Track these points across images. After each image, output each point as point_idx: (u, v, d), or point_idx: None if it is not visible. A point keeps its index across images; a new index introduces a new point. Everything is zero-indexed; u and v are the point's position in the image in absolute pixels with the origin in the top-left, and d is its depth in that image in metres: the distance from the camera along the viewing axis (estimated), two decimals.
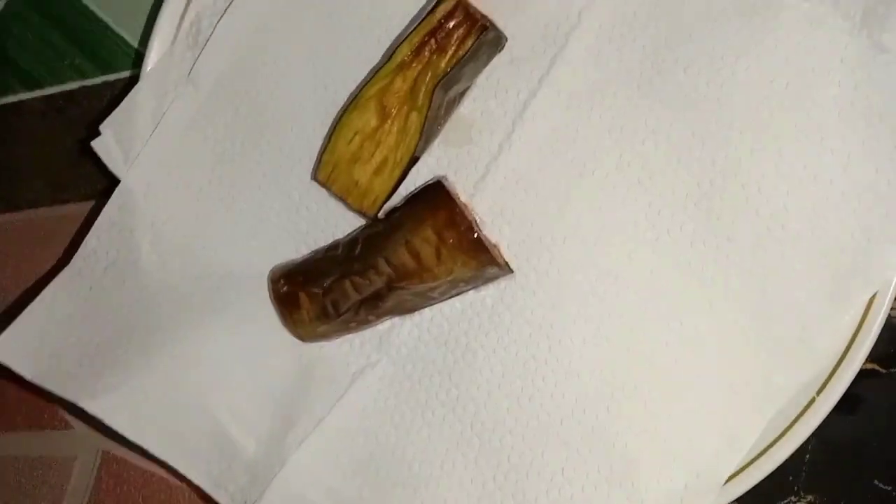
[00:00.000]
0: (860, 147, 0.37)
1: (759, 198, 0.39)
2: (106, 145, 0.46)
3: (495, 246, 0.44)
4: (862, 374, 0.41)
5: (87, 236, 0.47)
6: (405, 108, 0.43)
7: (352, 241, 0.44)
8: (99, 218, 0.46)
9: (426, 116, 0.42)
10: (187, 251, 0.47)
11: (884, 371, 0.42)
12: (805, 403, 0.39)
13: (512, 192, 0.44)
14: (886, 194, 0.37)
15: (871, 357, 0.41)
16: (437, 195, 0.43)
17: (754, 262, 0.39)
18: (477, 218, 0.45)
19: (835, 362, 0.38)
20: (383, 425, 0.45)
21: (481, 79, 0.44)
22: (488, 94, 0.44)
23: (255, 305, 0.46)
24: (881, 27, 0.36)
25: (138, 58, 0.48)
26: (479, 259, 0.42)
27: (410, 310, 0.45)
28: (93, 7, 0.53)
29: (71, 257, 0.47)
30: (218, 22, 0.46)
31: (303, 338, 0.46)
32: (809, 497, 0.43)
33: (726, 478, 0.39)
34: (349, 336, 0.46)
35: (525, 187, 0.44)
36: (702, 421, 0.40)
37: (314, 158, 0.46)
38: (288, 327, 0.46)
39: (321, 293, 0.44)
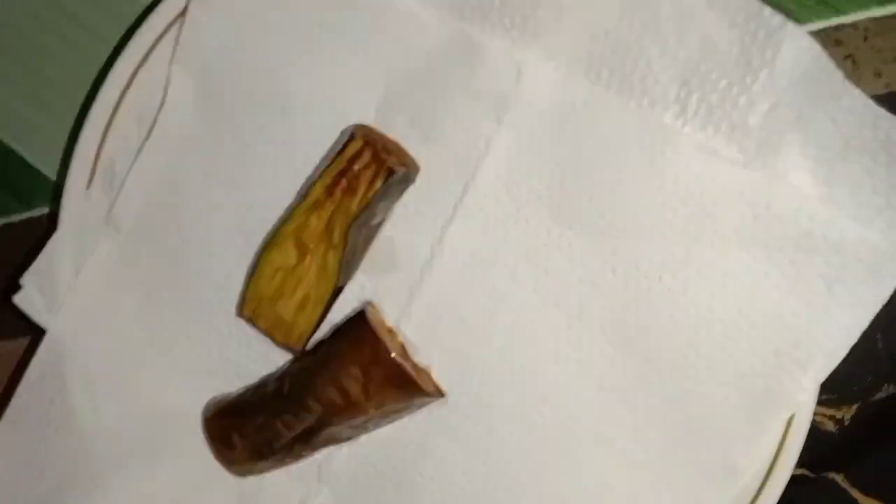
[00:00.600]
0: (762, 278, 0.37)
1: (671, 324, 0.39)
2: (28, 297, 0.46)
3: (425, 371, 0.45)
4: (793, 481, 0.42)
5: (18, 389, 0.46)
6: (322, 246, 0.43)
7: (280, 379, 0.44)
8: (28, 369, 0.46)
9: (343, 253, 0.43)
10: (120, 394, 0.47)
11: (813, 476, 0.42)
12: None
13: (438, 316, 0.44)
14: (791, 322, 0.37)
15: (801, 462, 0.42)
16: (359, 330, 0.43)
17: (674, 386, 0.40)
18: (405, 342, 0.45)
19: (760, 481, 0.39)
20: None
21: (398, 206, 0.44)
22: (406, 222, 0.44)
23: (192, 444, 0.46)
24: (775, 158, 0.37)
25: (59, 193, 0.48)
26: (407, 391, 0.42)
27: (345, 439, 0.45)
28: (10, 143, 0.52)
29: (3, 401, 0.47)
30: (132, 164, 0.46)
31: (239, 475, 0.46)
32: None
33: None
34: (288, 467, 0.46)
35: (450, 311, 0.44)
36: None
37: (238, 293, 0.46)
38: (224, 465, 0.46)
39: (253, 432, 0.44)
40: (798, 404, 0.38)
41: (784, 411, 0.38)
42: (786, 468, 0.39)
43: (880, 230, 0.36)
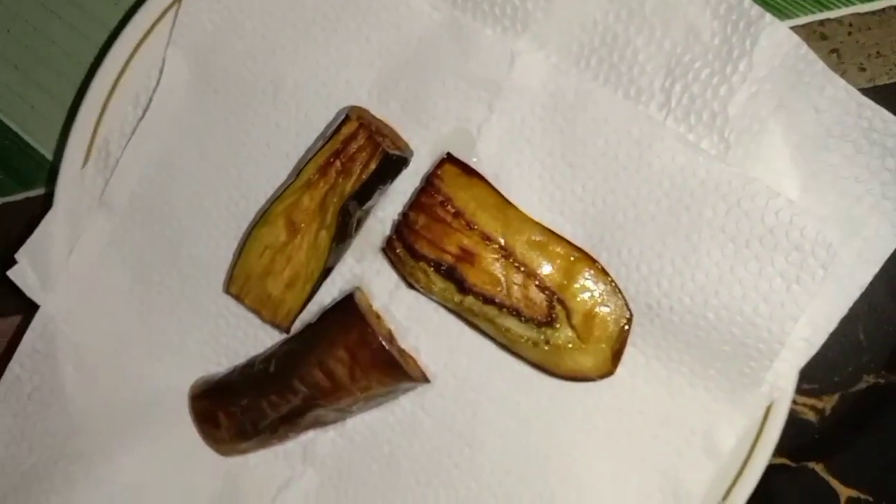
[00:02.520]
0: (728, 273, 0.38)
1: (647, 311, 0.40)
2: (22, 273, 0.46)
3: (411, 356, 0.45)
4: (773, 469, 0.42)
5: (10, 364, 0.47)
6: (314, 224, 0.43)
7: (266, 360, 0.45)
8: (21, 345, 0.47)
9: (335, 233, 0.43)
10: (111, 372, 0.47)
11: (794, 465, 0.43)
12: None
13: (426, 300, 0.45)
14: (752, 318, 0.38)
15: (781, 451, 0.43)
16: (347, 314, 0.43)
17: (656, 369, 0.41)
18: (392, 328, 0.46)
19: (739, 466, 0.39)
20: None
21: (391, 189, 0.45)
22: (398, 205, 0.45)
23: (178, 422, 0.46)
24: (757, 146, 0.37)
25: (56, 174, 0.48)
26: (393, 376, 0.43)
27: (330, 422, 0.46)
28: (9, 123, 0.53)
29: None
30: (126, 144, 0.46)
31: (224, 454, 0.46)
32: None
33: None
34: (274, 448, 0.47)
35: None
36: None
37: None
38: (209, 444, 0.46)
39: (239, 412, 0.45)
40: (778, 390, 0.38)
41: (763, 396, 0.38)
42: (765, 452, 0.39)
43: (862, 218, 0.37)
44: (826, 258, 0.35)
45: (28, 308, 0.51)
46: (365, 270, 0.46)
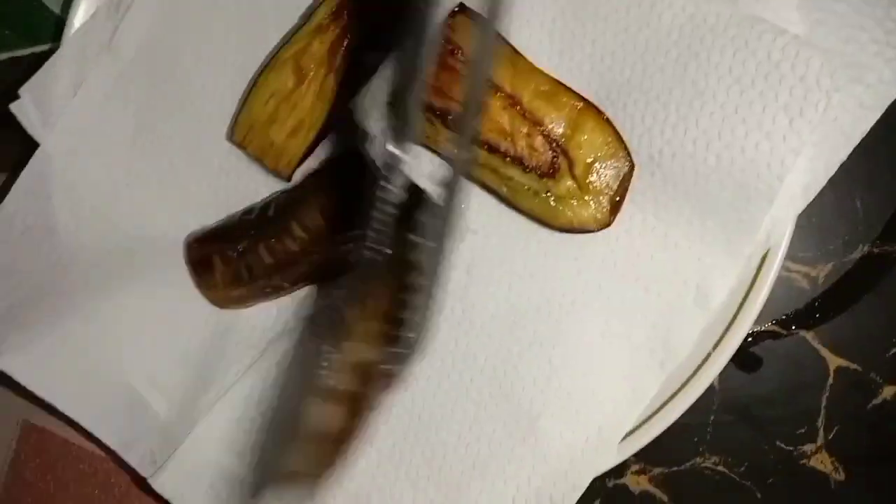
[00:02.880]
0: (732, 113, 0.38)
1: (650, 163, 0.40)
2: (25, 109, 0.46)
3: None
4: (764, 335, 0.42)
5: (5, 200, 0.46)
6: (322, 70, 0.43)
7: (266, 205, 0.45)
8: (17, 182, 0.46)
9: (343, 78, 0.43)
10: (105, 217, 0.47)
11: (785, 332, 0.43)
12: (702, 359, 0.39)
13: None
14: (753, 156, 0.38)
15: (772, 319, 0.43)
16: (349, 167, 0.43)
17: (656, 222, 0.41)
18: None
19: (730, 318, 0.39)
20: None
21: None
22: None
23: (172, 271, 0.46)
24: (756, 2, 0.38)
25: (62, 28, 0.48)
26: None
27: (326, 277, 0.46)
28: None
29: None
30: None
31: (218, 303, 0.46)
32: (714, 458, 0.44)
33: (626, 431, 0.40)
34: (267, 303, 0.47)
35: None
36: (602, 377, 0.41)
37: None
38: (202, 292, 0.46)
39: (235, 256, 0.45)
40: (773, 238, 0.38)
41: (759, 245, 0.38)
42: (756, 303, 0.39)
43: (865, 64, 0.37)
44: (830, 87, 0.35)
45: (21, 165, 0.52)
46: (371, 125, 0.45)
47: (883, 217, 0.42)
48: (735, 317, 0.39)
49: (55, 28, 0.53)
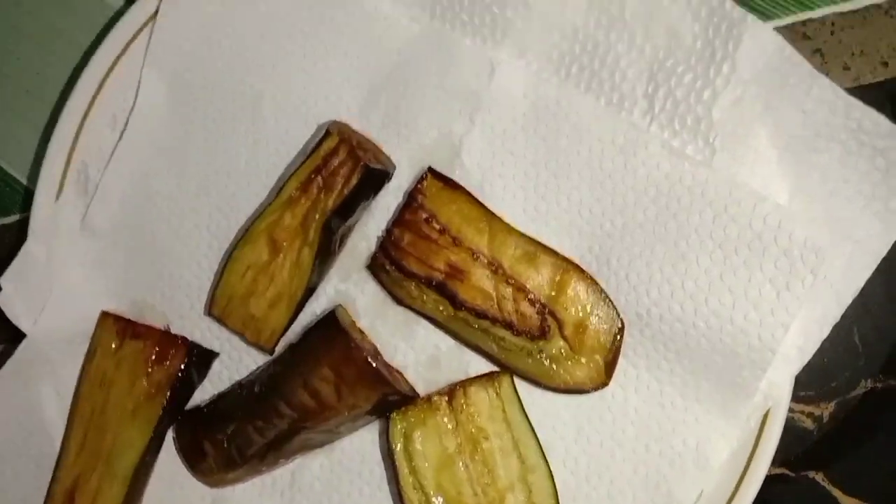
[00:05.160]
0: (717, 280, 0.37)
1: (637, 320, 0.39)
2: (9, 300, 0.45)
3: (398, 371, 0.44)
4: (773, 480, 0.41)
5: None
6: (297, 242, 0.43)
7: (251, 384, 0.44)
8: (2, 371, 0.45)
9: (318, 250, 0.42)
10: None
11: (793, 475, 0.42)
12: None
13: (412, 317, 0.43)
14: (743, 325, 0.37)
15: (780, 461, 0.42)
16: (330, 331, 0.42)
17: (647, 380, 0.40)
18: (378, 345, 0.44)
19: (738, 478, 0.38)
20: None
21: (374, 205, 0.44)
22: (380, 221, 0.44)
23: (164, 452, 0.45)
24: (744, 150, 0.37)
25: (31, 198, 0.47)
26: (380, 391, 0.42)
27: (318, 446, 0.44)
28: None
29: None
30: (105, 168, 0.45)
31: (213, 486, 0.45)
32: None
33: None
34: (262, 476, 0.46)
35: None
36: None
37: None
38: (197, 477, 0.45)
39: (225, 440, 0.43)
40: (772, 399, 0.37)
41: (757, 407, 0.37)
42: (763, 463, 0.38)
43: (852, 220, 0.36)
44: (815, 263, 0.35)
45: (8, 339, 0.51)
46: (350, 288, 0.44)
47: (883, 351, 0.41)
48: (742, 478, 0.38)
49: (23, 198, 0.52)
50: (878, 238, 0.36)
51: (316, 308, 0.45)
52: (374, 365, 0.41)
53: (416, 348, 0.44)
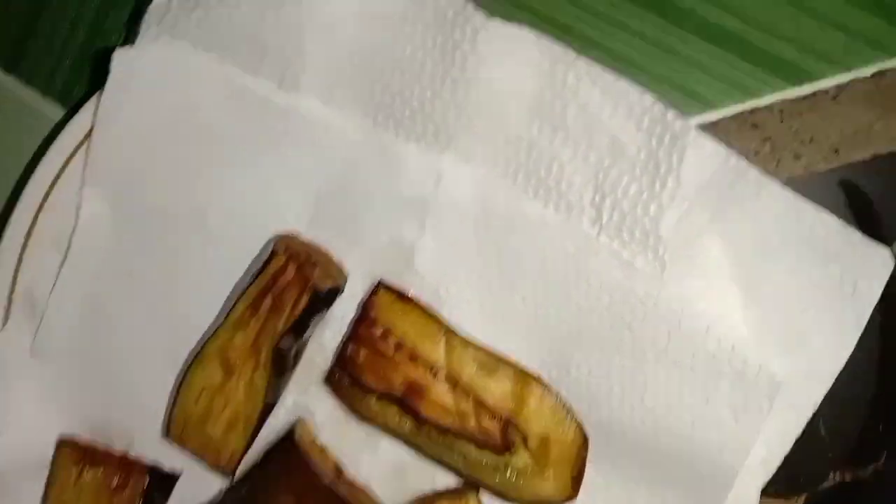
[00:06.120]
0: (676, 399, 0.37)
1: (597, 433, 0.39)
2: None
3: (363, 490, 0.43)
4: None
5: None
6: (249, 363, 0.42)
7: None
8: None
9: (271, 371, 0.41)
10: None
11: None
12: None
13: (375, 428, 0.43)
14: (702, 447, 0.37)
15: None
16: (288, 455, 0.41)
17: (618, 488, 0.39)
18: (342, 460, 0.44)
19: None
20: None
21: (329, 315, 0.43)
22: (335, 331, 0.43)
23: None
24: (692, 264, 0.36)
25: None
26: None
27: None
28: None
29: None
30: (52, 290, 0.44)
31: None
32: None
33: None
34: None
35: None
36: None
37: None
38: None
39: None
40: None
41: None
42: None
43: (808, 332, 0.35)
44: (769, 391, 0.34)
45: None
46: (309, 401, 0.44)
47: (849, 443, 0.40)
48: None
49: None
50: (834, 352, 0.35)
51: (276, 423, 0.43)
52: (335, 491, 0.40)
53: (380, 461, 0.43)
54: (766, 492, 0.41)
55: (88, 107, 0.44)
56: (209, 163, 0.43)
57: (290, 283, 0.41)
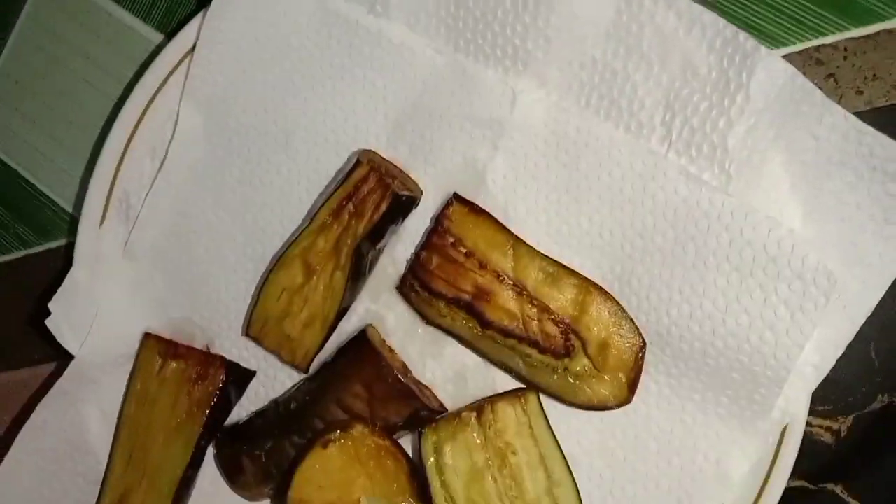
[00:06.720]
0: (734, 302, 0.38)
1: (658, 339, 0.41)
2: (56, 323, 0.48)
3: (427, 387, 0.46)
4: (793, 492, 0.42)
5: (37, 408, 0.48)
6: (329, 266, 0.45)
7: (286, 402, 0.46)
8: (50, 392, 0.48)
9: (350, 273, 0.44)
10: None
11: (813, 487, 0.43)
12: None
13: (440, 336, 0.45)
14: (759, 345, 0.38)
15: (799, 474, 0.43)
16: (361, 350, 0.44)
17: (671, 394, 0.41)
18: (408, 363, 0.46)
19: (757, 492, 0.39)
20: None
21: (402, 229, 0.46)
22: (407, 245, 0.46)
23: (205, 468, 0.47)
24: (758, 176, 0.38)
25: (76, 224, 0.50)
26: (410, 406, 0.44)
27: None
28: (29, 177, 0.55)
29: (23, 423, 0.48)
30: (146, 196, 0.48)
31: (251, 499, 0.47)
32: None
33: None
34: None
35: None
36: None
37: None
38: (236, 491, 0.47)
39: (262, 455, 0.45)
40: (790, 415, 0.39)
41: (775, 422, 0.39)
42: (781, 477, 0.39)
43: (865, 244, 0.37)
44: (828, 287, 0.36)
45: (49, 360, 0.53)
46: (380, 308, 0.46)
47: None
48: (761, 492, 0.39)
49: (68, 224, 0.55)
50: (890, 262, 0.37)
51: (348, 328, 0.47)
52: (404, 381, 0.43)
53: (444, 365, 0.45)
54: (817, 411, 0.43)
55: (185, 32, 0.48)
56: (299, 83, 0.46)
57: (371, 189, 0.43)
